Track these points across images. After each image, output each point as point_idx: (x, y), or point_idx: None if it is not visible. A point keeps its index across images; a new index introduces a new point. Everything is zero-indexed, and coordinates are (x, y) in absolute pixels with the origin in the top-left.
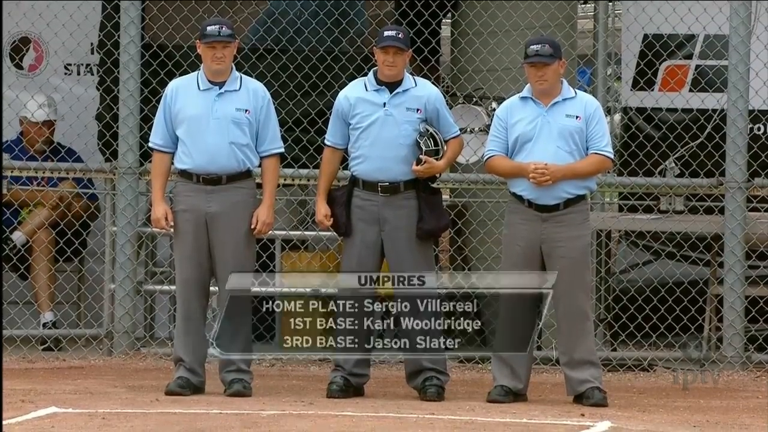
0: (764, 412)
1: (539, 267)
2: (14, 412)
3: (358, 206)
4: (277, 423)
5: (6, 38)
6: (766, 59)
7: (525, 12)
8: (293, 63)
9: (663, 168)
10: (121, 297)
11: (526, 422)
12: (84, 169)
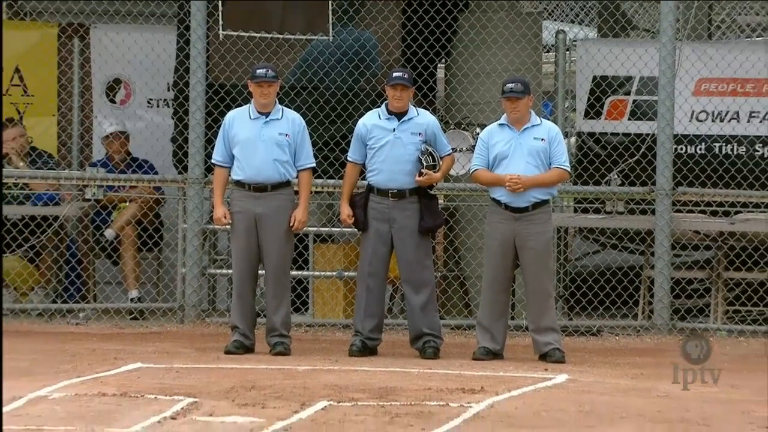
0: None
1: (513, 256)
2: (109, 366)
3: (373, 208)
4: (310, 376)
5: (102, 79)
6: (687, 95)
7: (502, 58)
8: (323, 98)
9: (608, 179)
10: (190, 278)
11: (502, 375)
12: (161, 180)
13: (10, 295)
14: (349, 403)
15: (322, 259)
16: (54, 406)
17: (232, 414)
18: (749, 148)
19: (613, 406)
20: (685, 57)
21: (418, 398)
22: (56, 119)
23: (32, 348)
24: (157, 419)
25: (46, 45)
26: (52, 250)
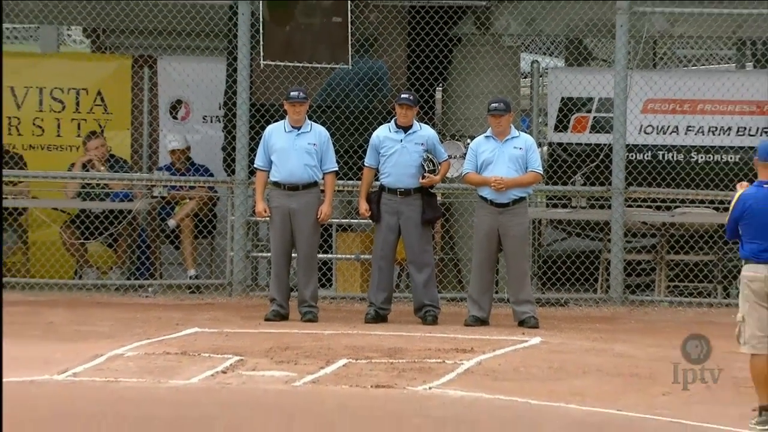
0: (633, 331)
1: (497, 242)
2: (171, 331)
3: (384, 203)
4: (334, 339)
5: (166, 100)
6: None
7: (488, 83)
8: (344, 114)
9: (573, 180)
10: (237, 260)
11: (488, 338)
12: (215, 181)
13: (93, 273)
14: (364, 360)
15: (343, 245)
16: (128, 363)
17: (270, 369)
18: (686, 155)
19: (578, 363)
20: (635, 82)
21: (420, 356)
22: (130, 132)
23: (111, 316)
24: (210, 373)
25: (122, 73)
26: (126, 237)
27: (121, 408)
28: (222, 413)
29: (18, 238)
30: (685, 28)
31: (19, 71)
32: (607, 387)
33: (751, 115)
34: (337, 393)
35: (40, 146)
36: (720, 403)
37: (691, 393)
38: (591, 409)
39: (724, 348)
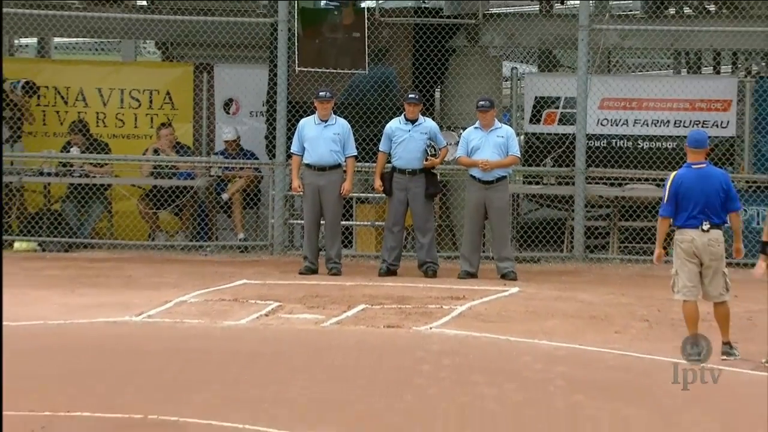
0: (592, 282)
1: (483, 212)
2: (225, 282)
3: (395, 181)
4: (354, 288)
5: (221, 98)
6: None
7: (477, 85)
8: (362, 110)
9: (545, 162)
10: (277, 226)
11: (477, 288)
12: (259, 163)
13: (163, 236)
14: (378, 306)
15: (361, 214)
16: (191, 307)
17: (303, 313)
18: (635, 143)
19: (548, 308)
20: (593, 84)
21: (422, 303)
22: (192, 124)
23: (177, 270)
24: (255, 316)
25: (186, 77)
26: (189, 208)
27: (185, 343)
28: (265, 347)
29: (104, 209)
30: (633, 42)
31: (105, 76)
32: (571, 327)
33: (684, 111)
34: (357, 331)
35: (122, 135)
36: (659, 339)
37: (637, 331)
38: (558, 344)
39: (663, 296)
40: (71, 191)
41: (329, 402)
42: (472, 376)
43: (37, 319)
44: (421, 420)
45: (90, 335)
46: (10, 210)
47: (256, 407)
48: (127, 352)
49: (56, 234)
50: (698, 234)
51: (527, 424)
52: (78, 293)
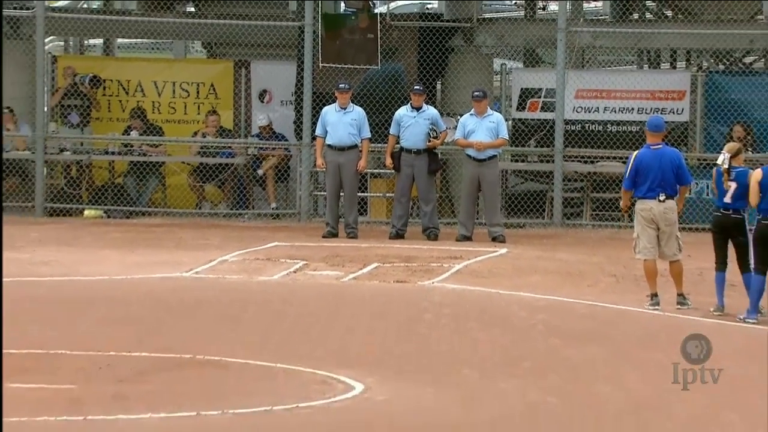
0: (568, 244)
1: (477, 185)
2: (260, 244)
3: (403, 159)
4: (369, 249)
5: (257, 89)
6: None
7: (472, 78)
8: (375, 99)
9: (529, 143)
10: (303, 197)
11: (472, 249)
12: (288, 144)
13: (208, 205)
14: (389, 264)
15: (375, 187)
16: (231, 265)
17: (326, 270)
18: (604, 127)
19: (531, 265)
20: (569, 78)
21: (426, 261)
22: (232, 111)
23: (220, 234)
24: (285, 272)
25: (227, 71)
26: (230, 181)
27: (227, 295)
28: (294, 298)
29: (159, 182)
30: (603, 42)
31: (159, 71)
32: (550, 281)
33: (646, 100)
34: (370, 286)
35: (174, 120)
36: (624, 292)
37: (605, 285)
38: (539, 296)
39: (628, 256)
40: (131, 167)
41: (348, 344)
42: (468, 323)
43: (102, 274)
44: (425, 358)
45: (146, 288)
46: (80, 183)
47: (285, 348)
48: (178, 302)
49: (119, 203)
50: (656, 204)
51: (513, 362)
52: (137, 253)
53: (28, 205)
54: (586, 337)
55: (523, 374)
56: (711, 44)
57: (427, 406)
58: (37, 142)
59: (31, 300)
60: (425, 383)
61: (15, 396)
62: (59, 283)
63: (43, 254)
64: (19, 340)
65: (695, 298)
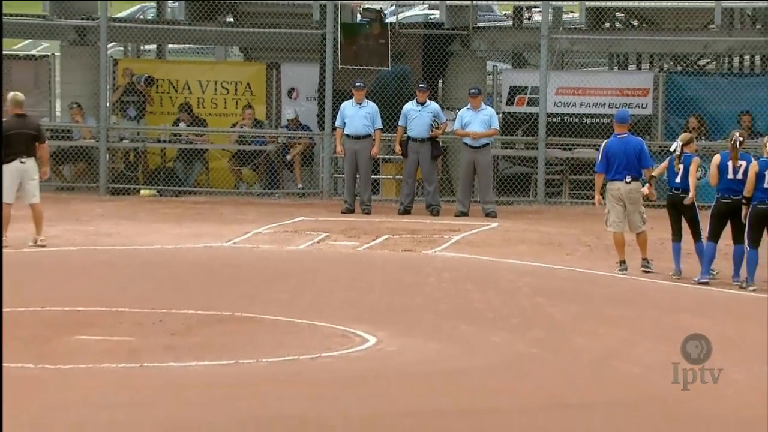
0: (550, 219)
1: (473, 168)
2: (288, 218)
3: (410, 146)
4: (381, 223)
5: (285, 87)
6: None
7: (468, 78)
8: (386, 95)
9: (516, 133)
10: (326, 178)
11: (468, 223)
12: (312, 134)
13: (244, 186)
14: (398, 236)
15: (386, 170)
16: (264, 236)
17: (344, 240)
18: (580, 119)
19: (519, 237)
20: (551, 77)
21: (429, 233)
22: (265, 105)
23: (254, 210)
24: (310, 243)
25: (261, 72)
26: (263, 165)
27: (261, 262)
28: (318, 264)
29: (203, 166)
30: (579, 47)
31: (203, 72)
32: (535, 250)
33: (615, 96)
34: (382, 254)
35: (216, 114)
36: (597, 259)
37: (581, 254)
38: (525, 262)
39: (600, 229)
40: (180, 153)
41: (363, 302)
42: (464, 285)
43: (155, 244)
44: (429, 315)
45: (193, 256)
46: (137, 167)
47: (310, 307)
48: (219, 268)
49: (169, 184)
50: (623, 185)
51: (504, 317)
52: (184, 226)
53: (93, 186)
54: (565, 297)
55: (511, 329)
56: (670, 49)
57: (431, 356)
58: (100, 133)
59: (95, 265)
60: (429, 336)
61: (83, 346)
62: (119, 252)
63: (106, 227)
64: (86, 299)
65: (657, 263)
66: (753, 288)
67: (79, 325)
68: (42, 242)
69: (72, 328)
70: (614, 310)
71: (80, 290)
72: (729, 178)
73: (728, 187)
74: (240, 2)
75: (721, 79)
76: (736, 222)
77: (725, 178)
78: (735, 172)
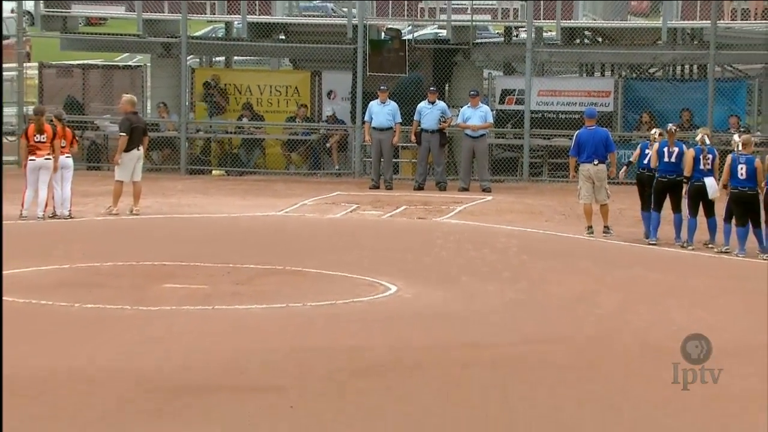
0: (533, 194)
1: (472, 154)
2: (326, 193)
3: (423, 136)
4: (400, 195)
5: (326, 90)
6: (535, 96)
7: (468, 83)
8: (404, 96)
9: (507, 125)
10: (357, 161)
11: (468, 197)
12: (346, 126)
13: (293, 167)
14: (413, 206)
15: (404, 155)
16: (308, 207)
17: (371, 210)
18: (557, 115)
19: (508, 207)
20: (534, 82)
21: (438, 204)
22: (309, 104)
23: (301, 187)
24: (345, 212)
25: (306, 78)
26: (307, 151)
27: (306, 227)
28: (350, 229)
29: (261, 152)
30: (556, 58)
31: (261, 78)
32: (521, 218)
33: (585, 97)
34: (401, 221)
35: (271, 111)
36: (571, 225)
37: (558, 221)
38: (514, 228)
39: (573, 201)
40: (243, 142)
41: (386, 259)
42: (466, 245)
43: (223, 213)
44: (437, 269)
45: (253, 222)
46: (209, 153)
47: (344, 262)
48: (273, 232)
49: (234, 166)
50: (592, 166)
51: (496, 271)
52: (246, 199)
53: (175, 167)
54: (544, 255)
55: (502, 280)
56: (627, 60)
57: (439, 301)
58: (181, 126)
59: (177, 229)
60: (437, 286)
61: (168, 292)
62: (196, 219)
63: (185, 200)
64: (170, 256)
65: (616, 229)
66: (692, 247)
67: (164, 276)
68: (137, 211)
69: (159, 278)
70: (582, 264)
71: (165, 249)
72: (665, 161)
73: (665, 169)
74: (290, 23)
75: (667, 83)
76: (673, 196)
77: (663, 161)
78: (670, 156)
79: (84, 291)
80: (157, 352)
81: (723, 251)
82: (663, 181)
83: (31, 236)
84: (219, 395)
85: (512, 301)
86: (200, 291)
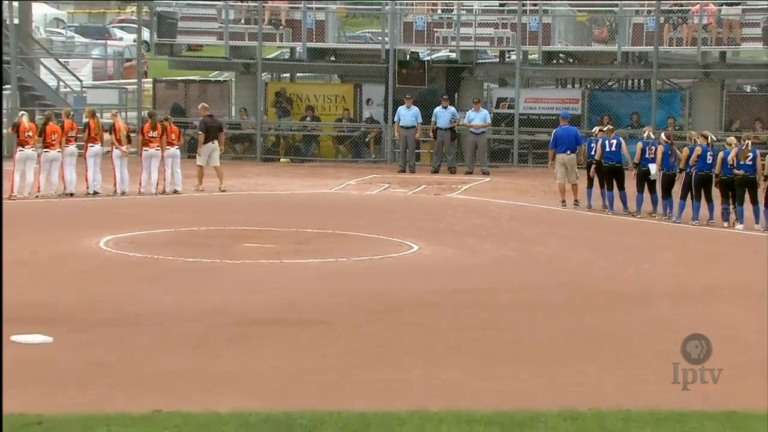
0: (522, 176)
1: (475, 146)
2: (363, 176)
3: (438, 133)
4: (420, 178)
5: (365, 98)
6: (523, 103)
7: (472, 93)
8: (424, 103)
9: (501, 124)
10: (388, 151)
11: (472, 178)
12: (381, 125)
13: (340, 156)
14: (431, 185)
15: (424, 147)
16: (352, 187)
17: (399, 188)
18: (540, 117)
19: (504, 186)
20: (522, 92)
21: (449, 184)
22: (353, 109)
23: (347, 171)
24: (378, 190)
25: (350, 89)
26: (351, 144)
27: (350, 201)
28: (384, 203)
29: (317, 144)
30: (538, 74)
31: (317, 89)
32: (511, 194)
33: (560, 103)
34: (421, 197)
35: (324, 114)
36: (549, 199)
37: (540, 196)
38: (506, 202)
39: (550, 181)
40: (304, 137)
41: (410, 225)
42: (471, 215)
43: (288, 191)
44: (448, 233)
45: (310, 197)
46: (279, 145)
47: (379, 227)
48: (326, 205)
49: (297, 155)
50: (566, 156)
51: (493, 234)
52: (305, 180)
53: (252, 156)
54: (530, 222)
55: (498, 241)
56: (591, 75)
57: (450, 257)
58: (257, 125)
59: (254, 203)
60: (449, 245)
61: (247, 250)
62: (268, 195)
63: (260, 181)
64: (249, 222)
65: (583, 202)
66: (639, 216)
67: (245, 238)
68: (223, 189)
69: (241, 239)
70: (560, 230)
71: (245, 217)
72: (607, 150)
73: (608, 157)
74: (338, 48)
75: (621, 93)
76: (618, 179)
77: (605, 151)
78: (610, 146)
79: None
80: (240, 294)
81: (663, 219)
82: (606, 166)
83: (147, 207)
84: (280, 327)
85: (505, 257)
86: (271, 249)
